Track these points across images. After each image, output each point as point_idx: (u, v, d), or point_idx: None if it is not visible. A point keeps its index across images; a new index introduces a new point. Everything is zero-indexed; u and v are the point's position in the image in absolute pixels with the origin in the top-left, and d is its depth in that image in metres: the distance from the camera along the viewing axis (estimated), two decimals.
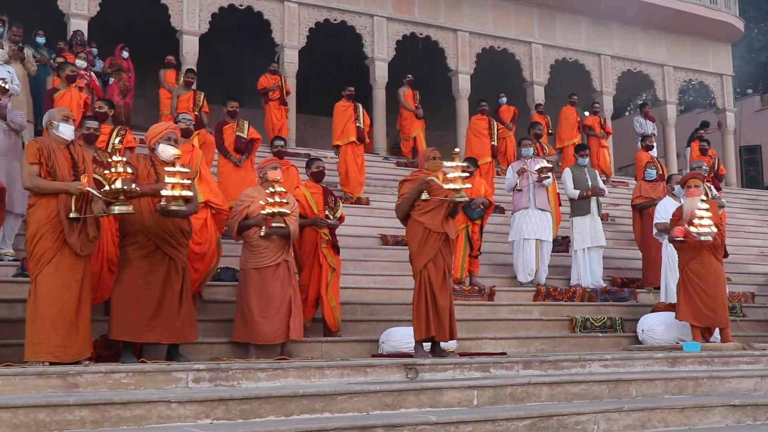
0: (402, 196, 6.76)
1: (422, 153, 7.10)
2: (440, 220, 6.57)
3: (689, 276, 7.76)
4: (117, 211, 5.42)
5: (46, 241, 5.42)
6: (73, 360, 5.32)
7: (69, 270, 5.44)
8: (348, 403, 4.98)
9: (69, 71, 9.54)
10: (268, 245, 6.70)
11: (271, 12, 16.07)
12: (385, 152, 16.57)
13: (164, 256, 5.89)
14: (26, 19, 11.85)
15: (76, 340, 5.40)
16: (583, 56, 19.24)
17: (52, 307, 5.37)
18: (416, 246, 6.59)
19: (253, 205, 6.78)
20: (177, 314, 5.89)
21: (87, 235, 5.53)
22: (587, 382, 5.87)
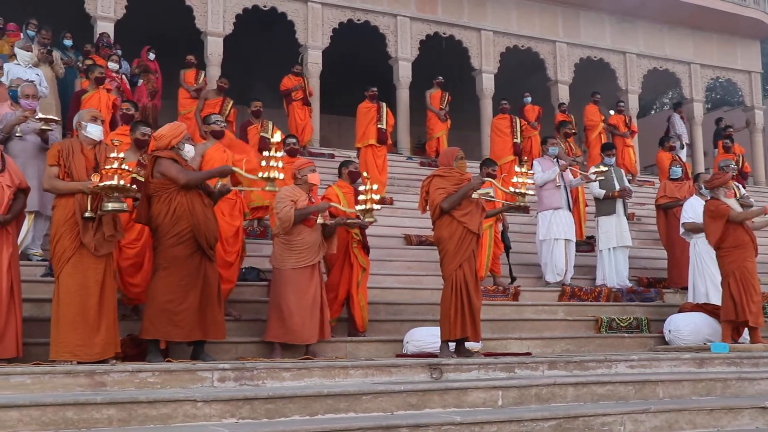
0: (442, 189, 6.69)
1: (448, 152, 7.08)
2: (478, 220, 6.65)
3: (744, 275, 7.69)
4: (110, 209, 5.40)
5: (64, 241, 5.50)
6: (94, 360, 5.35)
7: (88, 270, 5.49)
8: (372, 403, 4.98)
9: (98, 73, 9.63)
10: (311, 245, 6.74)
11: (294, 13, 16.11)
12: (408, 152, 16.56)
13: (203, 255, 5.95)
14: (54, 22, 11.98)
15: (96, 339, 5.44)
16: (607, 54, 19.09)
17: (72, 306, 5.42)
18: (454, 246, 6.58)
19: (298, 204, 6.80)
20: (219, 312, 5.98)
21: (103, 234, 5.56)
22: (613, 383, 5.83)
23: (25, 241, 7.32)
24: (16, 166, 5.89)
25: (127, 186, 5.36)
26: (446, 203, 6.64)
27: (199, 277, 5.90)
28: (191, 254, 5.90)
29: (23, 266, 6.38)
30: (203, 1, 15.35)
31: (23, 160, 7.19)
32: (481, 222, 6.73)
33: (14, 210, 5.69)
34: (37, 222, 7.52)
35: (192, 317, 5.81)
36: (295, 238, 6.75)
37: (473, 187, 6.64)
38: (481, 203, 6.77)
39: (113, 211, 5.48)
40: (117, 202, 5.41)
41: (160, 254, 5.95)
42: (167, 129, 6.26)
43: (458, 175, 6.78)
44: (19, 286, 5.68)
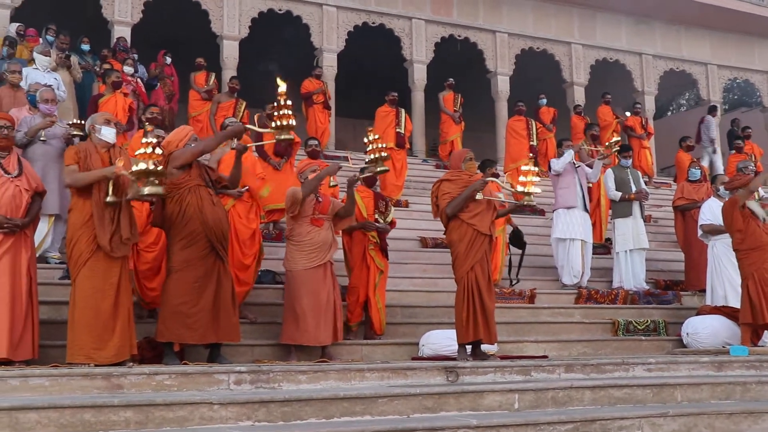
0: (447, 194, 6.71)
1: (457, 154, 7.08)
2: (488, 222, 6.62)
3: (763, 277, 7.64)
4: (147, 192, 5.32)
5: (80, 244, 5.53)
6: (108, 362, 5.37)
7: (103, 273, 5.51)
8: (388, 406, 4.98)
9: (114, 77, 9.69)
10: (321, 243, 6.73)
11: (309, 16, 16.15)
12: (423, 154, 16.55)
13: (216, 257, 5.97)
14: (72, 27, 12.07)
15: (111, 342, 5.45)
16: (624, 56, 19.00)
17: (87, 309, 5.45)
18: (465, 248, 6.57)
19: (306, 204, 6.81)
20: (233, 314, 5.97)
21: (120, 236, 5.59)
22: (631, 387, 5.79)
23: (44, 244, 7.38)
24: (32, 170, 5.93)
25: (161, 170, 5.33)
26: (450, 208, 6.67)
27: (212, 279, 5.91)
28: (204, 256, 5.91)
29: (41, 269, 6.43)
30: (219, 5, 15.42)
31: (44, 164, 7.25)
32: (492, 223, 6.69)
33: (31, 213, 5.74)
34: (57, 225, 7.57)
35: (205, 319, 5.83)
36: (304, 238, 6.76)
37: (476, 189, 6.63)
38: (493, 204, 6.75)
39: (151, 195, 5.42)
40: (153, 185, 5.31)
41: (173, 256, 5.98)
42: (173, 135, 6.33)
43: (466, 177, 6.77)
44: (36, 288, 5.72)
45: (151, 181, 5.32)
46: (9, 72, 8.82)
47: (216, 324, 5.88)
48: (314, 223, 6.78)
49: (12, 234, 5.55)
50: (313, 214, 6.80)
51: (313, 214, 6.80)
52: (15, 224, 5.55)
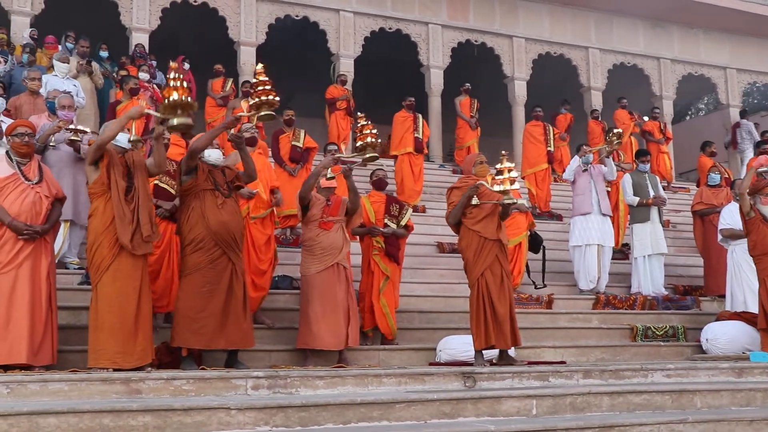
0: (452, 204, 6.74)
1: (468, 159, 7.06)
2: (494, 227, 6.57)
3: None
4: (177, 123, 5.26)
5: (103, 248, 5.55)
6: (132, 367, 5.40)
7: (126, 278, 5.54)
8: (406, 412, 4.97)
9: (132, 84, 9.75)
10: (329, 245, 6.74)
11: (326, 22, 16.20)
12: (440, 160, 16.55)
13: (228, 262, 5.97)
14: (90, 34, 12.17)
15: (134, 347, 5.48)
16: (641, 60, 18.92)
17: (111, 314, 5.47)
18: (472, 255, 6.57)
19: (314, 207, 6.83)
20: (243, 320, 5.96)
21: (141, 234, 5.60)
22: (649, 393, 5.75)
23: (62, 249, 7.43)
24: (52, 177, 5.97)
25: (190, 101, 5.27)
26: (450, 218, 6.70)
27: (222, 284, 5.91)
28: (213, 260, 5.92)
29: (60, 274, 6.47)
30: (236, 12, 15.50)
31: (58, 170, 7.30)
32: (499, 227, 6.63)
33: (51, 220, 5.77)
34: (73, 230, 7.62)
35: (212, 325, 5.83)
36: (314, 241, 6.78)
37: (469, 195, 6.58)
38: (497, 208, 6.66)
39: (180, 127, 5.35)
40: (183, 117, 5.27)
41: (183, 261, 6.03)
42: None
43: (472, 183, 6.72)
44: (56, 294, 5.75)
45: (180, 113, 5.27)
46: (29, 79, 8.90)
47: (224, 330, 5.87)
48: (323, 226, 6.79)
49: (32, 240, 5.58)
50: (322, 217, 6.80)
51: (322, 217, 6.80)
52: (35, 231, 5.58)
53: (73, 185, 7.20)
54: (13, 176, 5.70)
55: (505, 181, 6.35)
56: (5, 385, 4.68)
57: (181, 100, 5.21)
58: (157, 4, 14.99)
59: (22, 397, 4.66)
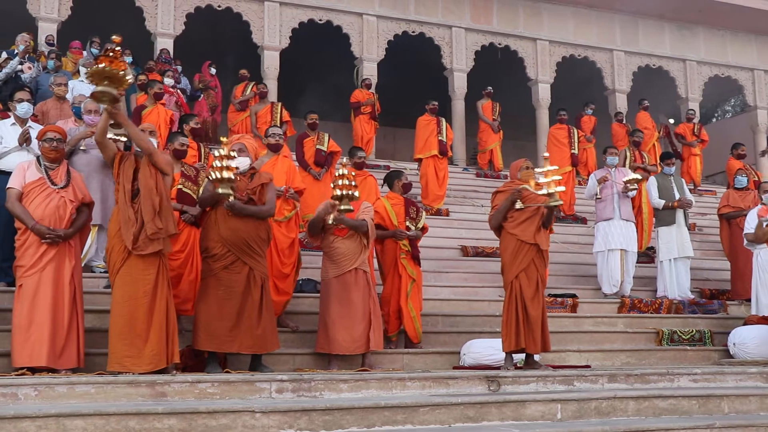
0: (494, 208, 6.73)
1: (514, 164, 7.04)
2: (533, 231, 6.56)
3: None
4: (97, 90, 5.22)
5: (114, 252, 5.61)
6: (141, 371, 5.38)
7: (135, 281, 5.54)
8: (430, 415, 4.96)
9: (156, 89, 9.83)
10: (346, 251, 6.74)
11: (350, 26, 16.24)
12: (464, 163, 16.52)
13: (244, 266, 5.98)
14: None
15: (145, 350, 5.46)
16: (667, 62, 18.77)
17: (119, 317, 5.50)
18: (509, 257, 6.58)
19: None
20: (257, 324, 5.95)
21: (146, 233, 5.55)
22: (676, 397, 5.70)
23: (89, 253, 7.50)
24: (81, 181, 6.02)
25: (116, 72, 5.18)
26: (492, 221, 6.71)
27: (236, 289, 5.92)
28: (228, 266, 5.94)
29: (86, 278, 6.54)
30: (260, 16, 15.59)
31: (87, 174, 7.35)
32: (540, 231, 6.62)
33: (77, 224, 5.82)
34: (101, 235, 7.68)
35: (225, 329, 5.85)
36: (331, 247, 6.79)
37: (512, 199, 6.60)
38: (540, 212, 6.66)
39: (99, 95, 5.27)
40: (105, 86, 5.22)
41: (202, 266, 6.12)
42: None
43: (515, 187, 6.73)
44: (82, 297, 5.80)
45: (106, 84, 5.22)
46: (55, 85, 9.00)
47: (236, 333, 5.88)
48: (337, 232, 6.79)
49: (55, 244, 5.64)
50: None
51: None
52: (57, 235, 5.62)
53: (102, 189, 7.26)
54: (39, 180, 5.77)
55: (550, 184, 6.36)
56: (33, 387, 4.73)
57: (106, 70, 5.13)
58: (182, 9, 15.11)
59: (50, 399, 4.72)
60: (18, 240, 5.70)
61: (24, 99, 7.33)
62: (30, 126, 7.29)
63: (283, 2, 15.73)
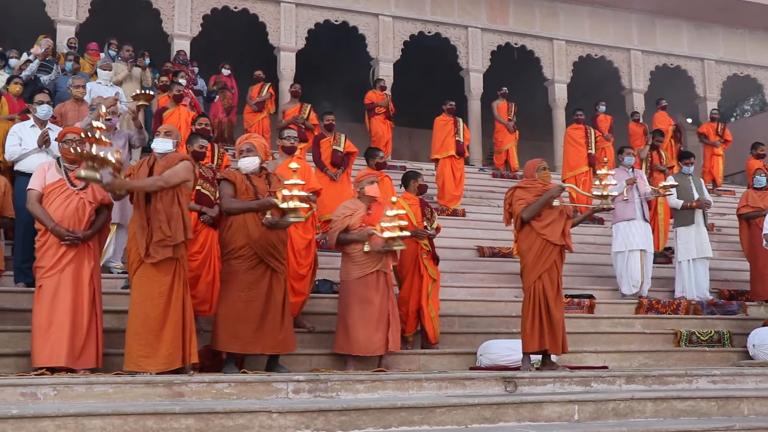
0: (522, 200, 6.65)
1: (531, 164, 7.01)
2: (560, 232, 6.54)
3: None
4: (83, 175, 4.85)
5: (132, 253, 5.65)
6: (156, 371, 5.40)
7: (151, 282, 5.56)
8: (446, 416, 4.95)
9: (176, 91, 9.88)
10: (368, 255, 6.72)
11: (366, 26, 16.26)
12: (480, 163, 16.50)
13: (267, 268, 5.99)
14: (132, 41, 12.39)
15: (160, 350, 5.47)
16: (685, 61, 18.66)
17: (135, 317, 5.54)
18: (533, 257, 6.54)
19: (353, 216, 6.82)
20: (281, 326, 5.97)
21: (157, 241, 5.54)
22: (694, 399, 5.66)
23: (106, 254, 7.54)
24: None
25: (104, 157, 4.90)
26: (526, 213, 6.60)
27: (260, 290, 5.93)
28: (251, 268, 5.94)
29: (105, 279, 6.57)
30: (276, 18, 15.64)
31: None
32: (564, 232, 6.61)
33: (95, 226, 5.85)
34: (119, 234, 7.73)
35: (249, 330, 5.86)
36: (355, 248, 6.77)
37: (553, 195, 6.58)
38: (566, 212, 6.66)
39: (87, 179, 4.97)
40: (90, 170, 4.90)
41: (222, 267, 6.10)
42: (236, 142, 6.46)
43: (540, 186, 6.72)
44: (101, 298, 5.84)
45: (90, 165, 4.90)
46: (73, 86, 9.07)
47: (260, 335, 5.89)
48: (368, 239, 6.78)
49: (74, 246, 5.68)
50: (362, 225, 6.80)
51: (362, 225, 6.80)
52: (76, 237, 5.66)
53: None
54: (59, 182, 5.82)
55: (605, 186, 6.41)
56: (52, 387, 4.77)
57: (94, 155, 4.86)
58: (198, 11, 15.18)
59: (69, 399, 4.75)
60: (38, 241, 5.75)
61: (43, 101, 7.40)
62: (49, 128, 7.36)
63: (299, 3, 15.77)
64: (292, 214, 5.63)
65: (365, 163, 8.74)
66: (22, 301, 6.53)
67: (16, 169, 7.23)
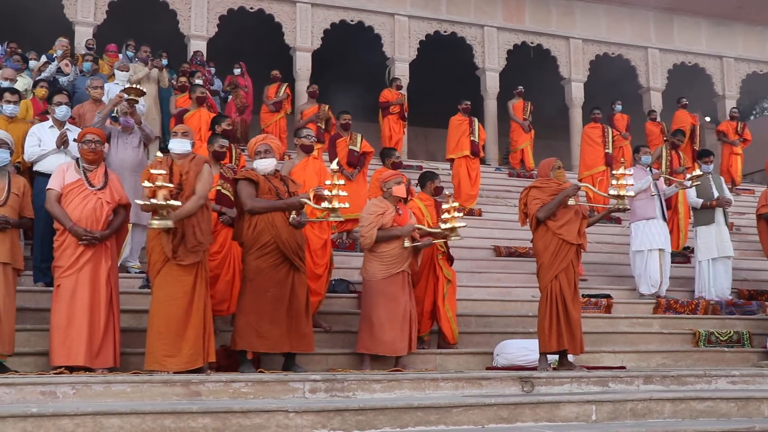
0: (538, 200, 6.62)
1: (545, 163, 6.98)
2: (576, 231, 6.52)
3: None
4: (155, 226, 5.36)
5: (154, 253, 5.68)
6: (179, 370, 5.44)
7: (175, 282, 5.60)
8: (463, 416, 4.95)
9: (199, 93, 9.91)
10: (399, 253, 6.71)
11: (381, 26, 16.26)
12: (496, 163, 16.46)
13: (290, 267, 6.00)
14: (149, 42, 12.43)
15: (183, 350, 5.52)
16: (703, 59, 18.53)
17: (158, 317, 5.57)
18: (549, 256, 6.51)
19: (386, 216, 6.80)
20: (305, 325, 6.00)
21: (185, 245, 5.62)
22: (713, 399, 5.62)
23: (123, 253, 7.58)
24: (118, 183, 6.08)
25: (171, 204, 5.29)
26: (542, 212, 6.57)
27: (285, 289, 5.94)
28: (276, 266, 5.95)
29: (122, 278, 6.61)
30: (292, 18, 15.68)
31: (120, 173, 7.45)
32: (580, 232, 6.58)
33: (113, 226, 5.88)
34: (135, 233, 7.75)
35: (277, 329, 5.86)
36: (384, 249, 6.75)
37: (568, 194, 6.56)
38: (581, 212, 6.63)
39: (159, 228, 5.42)
40: (162, 219, 5.34)
41: (246, 266, 6.06)
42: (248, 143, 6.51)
43: (555, 185, 6.69)
44: (118, 297, 5.88)
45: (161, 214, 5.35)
46: (92, 87, 9.12)
47: (288, 334, 5.91)
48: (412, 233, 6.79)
49: (92, 246, 5.72)
50: (393, 225, 6.79)
51: (393, 225, 6.79)
52: (93, 236, 5.70)
53: (135, 188, 7.31)
54: (77, 182, 5.85)
55: (621, 186, 6.40)
56: (71, 385, 4.81)
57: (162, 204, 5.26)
58: (215, 11, 15.25)
59: (87, 397, 4.78)
60: (56, 241, 5.79)
61: (62, 102, 7.44)
62: (68, 128, 7.40)
63: (315, 3, 15.80)
64: (333, 214, 5.74)
65: (381, 162, 8.74)
66: (41, 300, 6.57)
67: (35, 169, 7.28)
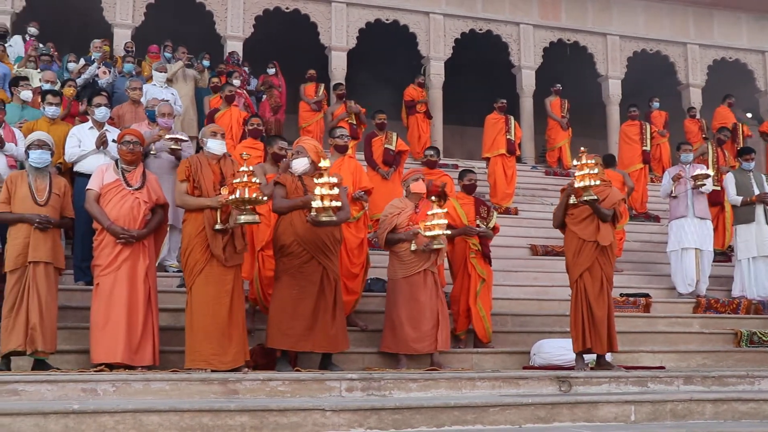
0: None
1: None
2: (593, 229, 6.44)
3: None
4: (243, 221, 5.54)
5: (195, 253, 5.72)
6: (226, 368, 5.52)
7: (218, 281, 5.67)
8: (500, 416, 4.92)
9: (228, 92, 9.98)
10: (417, 253, 6.72)
11: (416, 25, 16.23)
12: (533, 161, 16.34)
13: (318, 265, 6.00)
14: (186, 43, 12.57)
15: (229, 348, 5.61)
16: (744, 54, 18.19)
17: (205, 317, 5.62)
18: (571, 256, 6.53)
19: (401, 215, 6.82)
20: (332, 324, 5.98)
21: (234, 247, 5.75)
22: (757, 401, 5.52)
23: (161, 252, 7.66)
24: (156, 183, 6.15)
25: (257, 198, 5.46)
26: (553, 219, 6.67)
27: (311, 288, 5.93)
28: (301, 265, 5.95)
29: (160, 277, 6.68)
30: (327, 17, 15.71)
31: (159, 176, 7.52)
32: (600, 229, 6.48)
33: (150, 225, 5.95)
34: (172, 234, 7.83)
35: (300, 327, 5.87)
36: (401, 248, 6.78)
37: (569, 194, 6.49)
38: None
39: (246, 223, 5.62)
40: (249, 214, 5.53)
41: (276, 265, 6.14)
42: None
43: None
44: (156, 296, 5.94)
45: (248, 209, 5.51)
46: (131, 89, 9.24)
47: (311, 333, 5.89)
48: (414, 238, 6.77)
49: (129, 244, 5.79)
50: (409, 224, 6.79)
51: (409, 224, 6.79)
52: (131, 235, 5.77)
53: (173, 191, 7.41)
54: (116, 182, 5.94)
55: (585, 177, 6.23)
56: (111, 383, 4.87)
57: (249, 198, 5.43)
58: (251, 12, 15.34)
59: (127, 395, 4.84)
60: (95, 240, 5.88)
61: (101, 103, 7.54)
62: (107, 129, 7.50)
63: (350, 3, 15.82)
64: (324, 213, 5.63)
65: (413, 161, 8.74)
66: (81, 299, 6.67)
67: (75, 170, 7.39)
